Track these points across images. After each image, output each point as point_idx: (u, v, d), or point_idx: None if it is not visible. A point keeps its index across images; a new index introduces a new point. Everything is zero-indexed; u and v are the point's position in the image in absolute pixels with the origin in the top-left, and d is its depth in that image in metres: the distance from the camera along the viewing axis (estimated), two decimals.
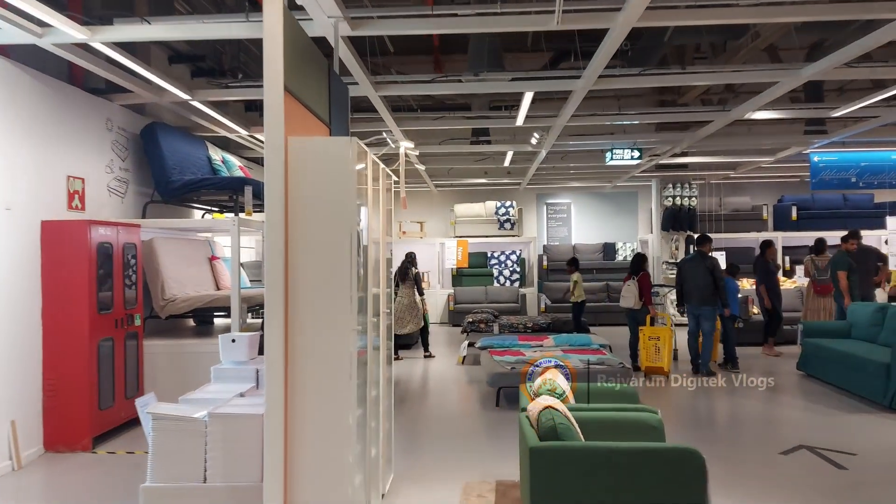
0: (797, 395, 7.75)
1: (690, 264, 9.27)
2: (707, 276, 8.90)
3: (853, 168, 11.30)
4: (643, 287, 9.49)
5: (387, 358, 4.70)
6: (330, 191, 3.39)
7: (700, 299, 9.00)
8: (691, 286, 9.13)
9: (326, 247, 3.37)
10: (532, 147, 10.69)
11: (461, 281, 15.75)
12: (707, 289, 8.90)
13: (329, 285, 3.37)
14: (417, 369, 10.01)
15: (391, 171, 4.68)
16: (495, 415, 7.07)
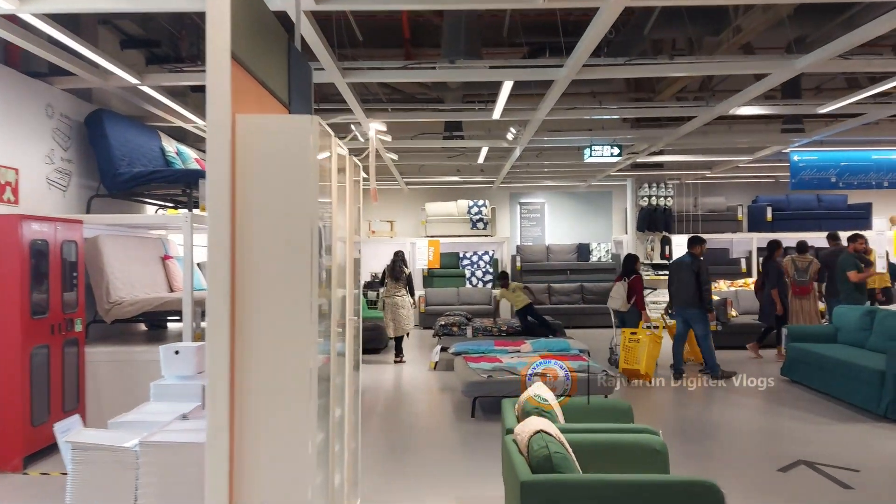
0: (785, 404, 7.41)
1: (679, 266, 8.99)
2: (692, 279, 8.61)
3: (833, 168, 11.08)
4: (635, 289, 9.15)
5: (354, 368, 4.19)
6: (286, 178, 2.87)
7: (685, 301, 8.75)
8: (677, 288, 8.90)
9: (282, 244, 2.85)
10: (508, 143, 10.25)
11: (432, 282, 15.26)
12: (692, 291, 8.61)
13: (285, 290, 2.85)
14: (387, 375, 9.49)
15: (359, 162, 4.16)
16: (471, 427, 6.59)
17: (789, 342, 8.56)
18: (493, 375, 6.83)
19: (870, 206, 15.32)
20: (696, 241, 9.02)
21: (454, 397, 7.83)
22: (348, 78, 6.55)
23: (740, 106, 8.25)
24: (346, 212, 3.87)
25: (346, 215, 3.87)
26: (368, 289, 14.46)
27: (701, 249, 8.96)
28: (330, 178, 3.36)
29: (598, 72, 6.56)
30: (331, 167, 3.37)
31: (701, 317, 8.68)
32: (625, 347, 8.84)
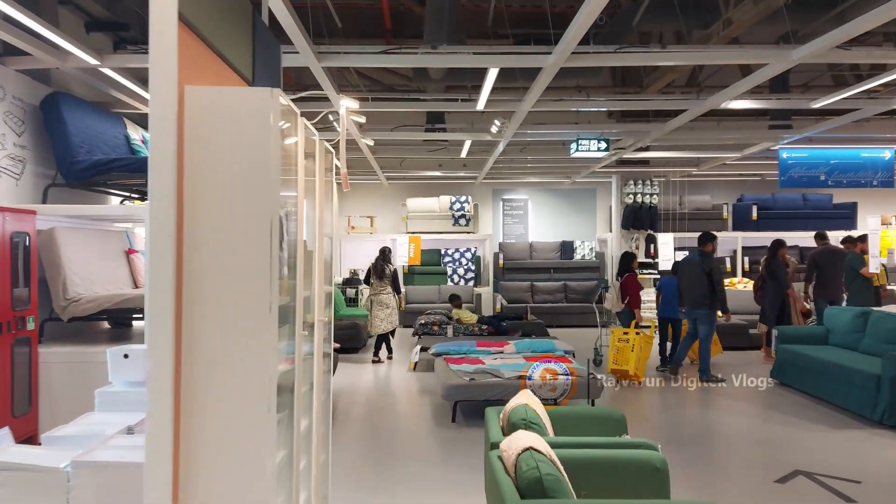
0: (777, 408, 7.16)
1: (688, 264, 8.73)
2: (703, 278, 8.35)
3: (823, 166, 10.87)
4: (629, 289, 8.88)
5: (325, 373, 3.83)
6: (243, 161, 2.50)
7: (694, 301, 8.48)
8: (687, 287, 8.62)
9: (237, 237, 2.48)
10: (492, 136, 9.91)
11: (413, 279, 14.90)
12: (702, 291, 8.35)
13: (241, 288, 2.49)
14: (365, 376, 9.12)
15: (331, 147, 3.79)
16: (452, 433, 6.25)
17: (779, 343, 8.32)
18: (476, 378, 6.50)
19: (855, 206, 15.19)
20: (707, 237, 8.77)
21: (434, 400, 7.49)
22: (324, 62, 6.17)
23: (732, 100, 7.98)
24: (316, 202, 3.51)
25: (315, 206, 3.51)
26: (347, 286, 14.07)
27: (713, 247, 8.71)
28: (296, 163, 3.00)
29: (587, 59, 6.23)
30: (297, 151, 3.01)
31: (708, 318, 8.44)
32: (613, 348, 8.58)
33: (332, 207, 3.99)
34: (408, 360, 9.87)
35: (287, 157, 2.85)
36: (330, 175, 3.88)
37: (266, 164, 2.50)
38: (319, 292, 3.53)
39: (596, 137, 9.33)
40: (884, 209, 15.92)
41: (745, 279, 13.31)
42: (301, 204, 2.98)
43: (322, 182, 3.57)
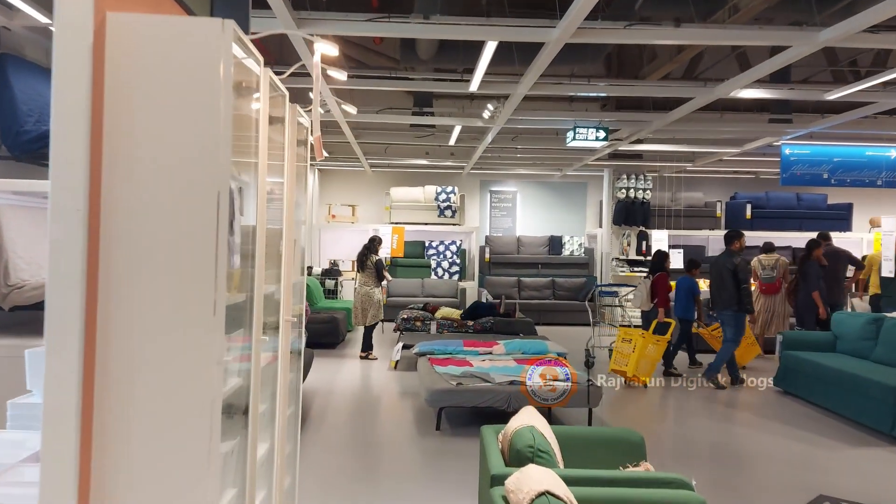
0: (784, 420, 6.66)
1: (716, 264, 8.32)
2: (730, 278, 7.93)
3: (826, 163, 10.43)
4: (659, 288, 8.37)
5: (291, 382, 3.24)
6: (183, 114, 1.90)
7: (721, 302, 8.07)
8: (715, 288, 8.22)
9: (172, 216, 1.89)
10: (483, 122, 9.33)
11: (395, 272, 14.26)
12: (729, 291, 7.93)
13: (175, 284, 1.89)
14: (343, 375, 8.52)
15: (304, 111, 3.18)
16: (436, 443, 5.68)
17: (784, 349, 7.84)
18: (464, 383, 5.93)
19: (850, 207, 14.81)
20: (733, 236, 8.33)
21: (416, 403, 6.92)
22: (304, 28, 5.54)
23: (743, 88, 7.47)
24: (286, 177, 2.90)
25: (284, 182, 2.90)
26: (326, 277, 13.45)
27: (739, 244, 8.26)
28: (257, 126, 2.39)
29: (595, 34, 5.66)
30: (259, 111, 2.40)
31: (734, 320, 8.00)
32: (617, 348, 8.23)
33: (305, 186, 3.39)
34: (388, 359, 9.29)
35: (243, 117, 2.26)
36: (304, 149, 3.28)
37: (213, 120, 1.90)
38: (287, 286, 2.93)
39: (595, 126, 8.77)
40: (879, 211, 15.60)
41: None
42: (262, 177, 2.38)
43: (293, 155, 2.97)
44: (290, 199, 2.95)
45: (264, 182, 2.40)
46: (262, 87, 2.40)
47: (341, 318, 10.59)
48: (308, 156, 3.43)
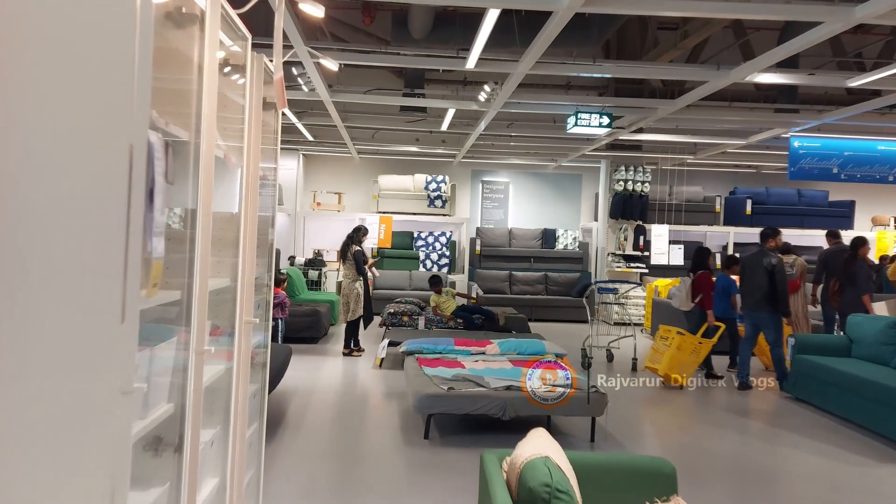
0: (800, 431, 6.16)
1: (750, 261, 7.84)
2: (764, 277, 7.49)
3: (836, 157, 9.95)
4: (702, 287, 7.86)
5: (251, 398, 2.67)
6: (82, 35, 1.32)
7: (755, 303, 7.61)
8: (748, 287, 7.76)
9: (64, 182, 1.31)
10: (478, 105, 8.76)
11: (382, 263, 13.68)
12: (764, 291, 7.50)
13: (65, 280, 1.31)
14: (323, 373, 7.95)
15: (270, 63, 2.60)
16: (424, 454, 5.12)
17: (796, 353, 7.35)
18: (455, 387, 5.37)
19: (852, 205, 14.39)
20: (768, 234, 7.85)
21: (403, 406, 6.36)
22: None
23: (759, 73, 6.95)
24: (247, 144, 2.32)
25: (245, 151, 2.32)
26: (310, 267, 12.85)
27: (775, 242, 7.80)
28: (200, 70, 1.81)
29: (612, 5, 5.10)
30: (204, 50, 1.82)
31: (772, 321, 7.54)
32: (654, 345, 7.89)
33: (276, 160, 2.81)
34: (373, 356, 8.72)
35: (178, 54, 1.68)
36: (275, 118, 2.70)
37: (123, 44, 1.32)
38: (246, 282, 2.36)
39: (598, 111, 8.22)
40: (881, 209, 15.22)
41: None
42: (208, 138, 1.80)
43: (256, 118, 2.39)
44: (252, 172, 2.37)
45: (211, 146, 1.83)
46: (208, 20, 1.82)
47: (324, 312, 10.00)
48: (279, 126, 2.85)
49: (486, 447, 5.20)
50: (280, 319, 8.43)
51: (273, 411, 5.96)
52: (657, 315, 11.27)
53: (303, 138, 12.29)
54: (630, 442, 5.57)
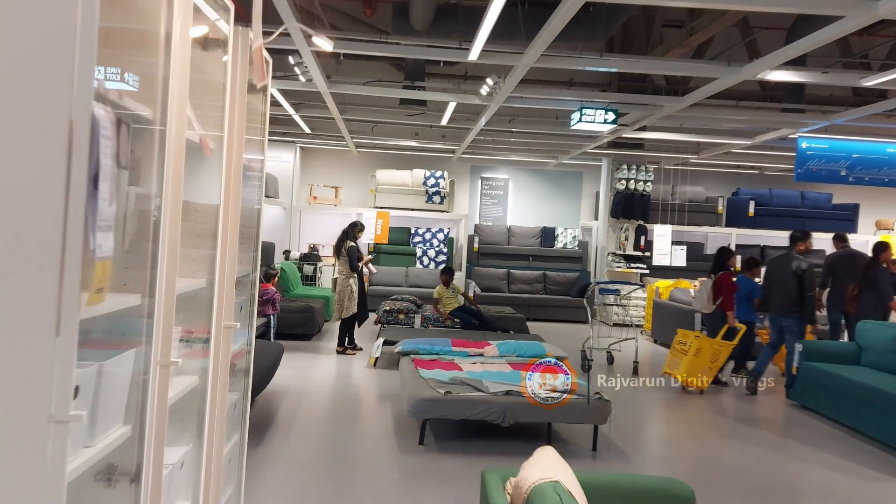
0: (810, 442, 5.94)
1: (777, 264, 7.66)
2: (793, 281, 7.30)
3: (844, 159, 9.71)
4: (723, 289, 7.64)
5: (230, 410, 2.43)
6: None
7: (781, 307, 7.42)
8: (774, 290, 7.57)
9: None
10: (480, 99, 8.52)
11: (378, 259, 13.43)
12: (792, 296, 7.31)
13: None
14: (317, 372, 7.72)
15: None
16: (419, 461, 4.90)
17: (803, 360, 7.13)
18: (453, 391, 5.14)
19: (856, 208, 14.19)
20: (798, 237, 7.70)
21: (397, 408, 6.13)
22: None
23: (771, 70, 6.72)
24: (227, 126, 2.08)
25: (228, 131, 2.08)
26: (305, 262, 12.60)
27: (806, 246, 7.63)
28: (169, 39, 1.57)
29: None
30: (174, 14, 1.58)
31: (797, 327, 7.33)
32: (672, 350, 7.70)
33: (263, 149, 2.57)
34: (367, 355, 8.49)
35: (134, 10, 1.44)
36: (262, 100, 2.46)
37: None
38: (226, 282, 2.12)
39: (603, 107, 7.98)
40: (886, 213, 15.02)
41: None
42: (180, 119, 1.56)
43: (240, 97, 2.15)
44: (235, 160, 2.13)
45: (182, 127, 1.58)
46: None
47: (318, 308, 9.76)
48: (266, 110, 2.61)
49: (484, 454, 5.01)
50: (272, 316, 8.19)
51: (261, 414, 5.73)
52: (658, 317, 11.06)
53: (300, 130, 12.04)
54: (634, 452, 5.35)
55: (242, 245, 2.45)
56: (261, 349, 6.34)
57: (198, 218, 1.97)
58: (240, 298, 2.41)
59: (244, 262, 2.45)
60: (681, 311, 10.11)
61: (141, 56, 1.50)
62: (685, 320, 9.84)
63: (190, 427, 1.99)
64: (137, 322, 1.50)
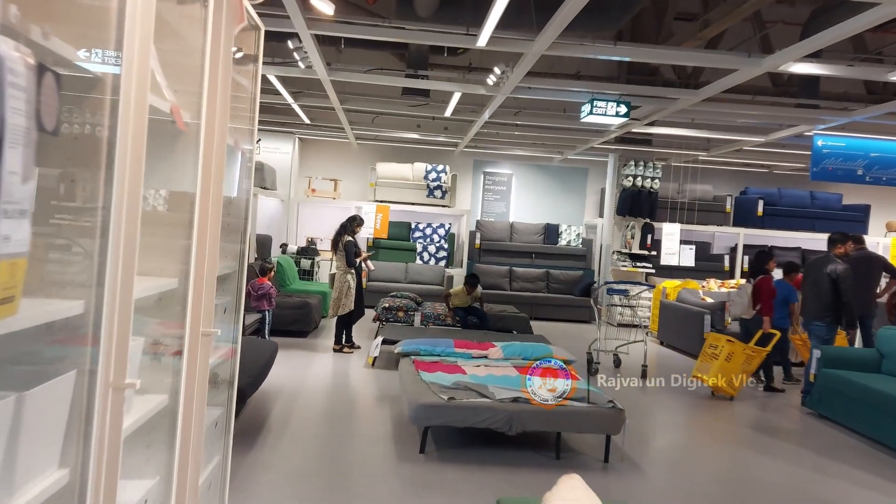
0: (831, 455, 5.63)
1: (813, 268, 7.40)
2: (827, 285, 7.04)
3: (861, 158, 9.40)
4: (762, 293, 7.37)
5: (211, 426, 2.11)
6: None
7: (813, 312, 7.17)
8: (807, 294, 7.34)
9: None
10: (486, 90, 8.19)
11: (377, 254, 13.10)
12: (825, 301, 7.05)
13: None
14: (313, 371, 7.40)
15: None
16: (419, 471, 4.58)
17: (821, 367, 6.83)
18: (456, 397, 4.82)
19: (867, 209, 13.87)
20: (837, 239, 7.39)
21: (396, 413, 5.82)
22: None
23: (795, 62, 6.40)
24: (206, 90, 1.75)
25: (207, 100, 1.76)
26: (302, 256, 12.28)
27: (845, 249, 7.33)
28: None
29: None
30: None
31: (825, 332, 7.04)
32: (703, 354, 7.37)
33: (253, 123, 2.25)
34: (364, 353, 8.18)
35: None
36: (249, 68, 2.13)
37: None
38: (206, 282, 1.80)
39: (615, 100, 7.65)
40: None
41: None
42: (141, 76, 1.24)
43: (223, 63, 1.82)
44: (216, 137, 1.80)
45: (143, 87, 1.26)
46: None
47: (315, 304, 9.44)
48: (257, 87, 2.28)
49: (489, 465, 4.70)
50: (267, 312, 7.87)
51: (253, 417, 5.42)
52: (665, 318, 10.75)
53: (299, 120, 11.70)
54: (648, 464, 5.04)
55: (229, 237, 2.13)
56: (254, 348, 6.03)
57: (171, 206, 1.66)
58: (223, 299, 2.10)
59: (229, 256, 2.14)
60: (689, 312, 9.82)
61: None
62: (694, 322, 9.54)
63: (157, 455, 1.67)
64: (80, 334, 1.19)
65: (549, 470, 4.66)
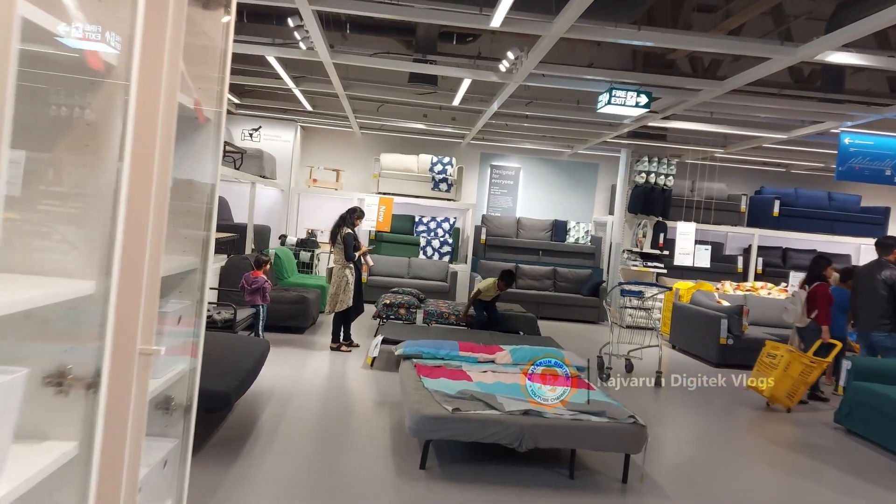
0: (864, 476, 5.18)
1: (866, 274, 7.03)
2: (882, 291, 6.72)
3: (890, 157, 8.91)
4: (818, 301, 6.97)
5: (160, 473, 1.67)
6: None
7: (870, 321, 6.82)
8: (862, 302, 6.98)
9: None
10: (498, 77, 7.73)
11: (379, 248, 12.66)
12: (882, 308, 6.71)
13: None
14: (308, 371, 6.97)
15: None
16: (420, 489, 4.14)
17: (852, 379, 6.38)
18: (462, 409, 4.37)
19: (887, 211, 13.37)
20: (890, 244, 7.01)
21: (395, 421, 5.38)
22: None
23: (833, 51, 5.93)
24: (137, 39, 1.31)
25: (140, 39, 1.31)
26: (302, 248, 11.84)
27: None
28: None
29: None
30: None
31: (889, 341, 6.66)
32: (759, 363, 6.99)
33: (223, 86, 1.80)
34: (362, 353, 7.74)
35: None
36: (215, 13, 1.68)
37: None
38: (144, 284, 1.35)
39: (636, 89, 7.18)
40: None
41: (770, 284, 11.33)
42: None
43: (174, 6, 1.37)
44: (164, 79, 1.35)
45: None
46: None
47: (313, 299, 9.00)
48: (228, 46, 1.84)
49: (497, 484, 4.23)
50: (261, 307, 7.43)
51: (240, 422, 4.99)
52: (678, 321, 10.30)
53: (300, 107, 11.24)
54: (671, 485, 4.59)
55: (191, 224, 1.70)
56: (244, 346, 5.60)
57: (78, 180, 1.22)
58: (179, 305, 1.67)
59: (188, 251, 1.70)
60: (705, 316, 9.36)
61: None
62: (710, 327, 9.09)
63: None
64: None
65: (562, 491, 4.23)
